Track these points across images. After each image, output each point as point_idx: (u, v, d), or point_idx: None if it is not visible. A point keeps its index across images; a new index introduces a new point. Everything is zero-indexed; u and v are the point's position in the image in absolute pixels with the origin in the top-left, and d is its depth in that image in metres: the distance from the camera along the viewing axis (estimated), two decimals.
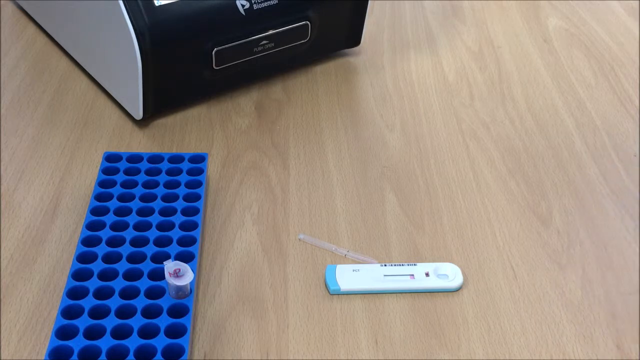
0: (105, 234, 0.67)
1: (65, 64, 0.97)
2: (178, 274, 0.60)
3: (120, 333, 0.59)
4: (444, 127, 0.89)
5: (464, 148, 0.86)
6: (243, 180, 0.80)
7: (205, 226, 0.74)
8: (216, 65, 0.85)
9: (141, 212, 0.70)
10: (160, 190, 0.72)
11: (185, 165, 0.75)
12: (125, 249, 0.66)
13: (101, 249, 0.65)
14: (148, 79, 0.81)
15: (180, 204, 0.71)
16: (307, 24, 0.90)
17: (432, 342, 0.64)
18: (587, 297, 0.68)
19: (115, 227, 0.68)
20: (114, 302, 0.61)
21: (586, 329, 0.65)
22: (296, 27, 0.89)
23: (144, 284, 0.62)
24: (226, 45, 0.84)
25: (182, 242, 0.67)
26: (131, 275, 0.64)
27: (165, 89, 0.84)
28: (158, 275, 0.64)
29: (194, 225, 0.69)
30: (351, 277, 0.68)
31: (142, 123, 0.87)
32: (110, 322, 0.59)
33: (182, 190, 0.72)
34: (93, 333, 0.59)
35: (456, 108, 0.93)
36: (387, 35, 1.07)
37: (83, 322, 0.59)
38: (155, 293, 0.62)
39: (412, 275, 0.69)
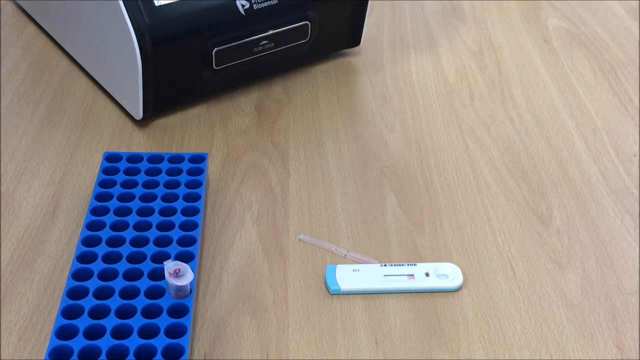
0: (105, 234, 0.67)
1: (65, 64, 0.97)
2: (178, 274, 0.60)
3: (120, 333, 0.59)
4: (444, 127, 0.89)
5: (464, 148, 0.86)
6: (243, 180, 0.80)
7: (205, 226, 0.74)
8: (216, 65, 0.85)
9: (141, 212, 0.70)
10: (160, 190, 0.72)
11: (185, 165, 0.76)
12: (125, 249, 0.66)
13: (101, 249, 0.65)
14: (148, 79, 0.81)
15: (180, 204, 0.71)
16: (307, 24, 0.90)
17: (432, 342, 0.64)
18: (587, 297, 0.68)
19: (115, 227, 0.68)
20: (114, 302, 0.61)
21: (586, 329, 0.65)
22: (296, 27, 0.89)
23: (144, 284, 0.62)
24: (226, 45, 0.84)
25: (182, 242, 0.67)
26: (131, 275, 0.64)
27: (165, 89, 0.84)
28: (158, 275, 0.64)
29: (194, 225, 0.69)
30: (351, 277, 0.68)
31: (142, 123, 0.87)
32: (110, 322, 0.59)
33: (182, 190, 0.72)
34: (93, 333, 0.59)
35: (456, 108, 0.93)
36: (387, 35, 1.07)
37: (83, 322, 0.59)
38: (155, 293, 0.62)
39: (412, 275, 0.69)
